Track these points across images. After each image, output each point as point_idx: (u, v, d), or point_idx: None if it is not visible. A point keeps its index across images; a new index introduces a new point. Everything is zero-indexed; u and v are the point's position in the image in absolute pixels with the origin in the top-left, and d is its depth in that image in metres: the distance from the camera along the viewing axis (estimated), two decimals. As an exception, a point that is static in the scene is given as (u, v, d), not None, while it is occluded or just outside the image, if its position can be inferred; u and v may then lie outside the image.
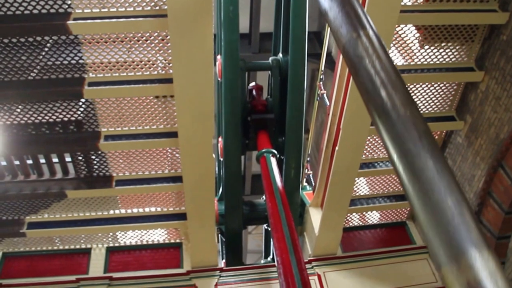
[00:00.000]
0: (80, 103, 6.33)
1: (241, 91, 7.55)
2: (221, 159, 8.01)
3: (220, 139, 8.02)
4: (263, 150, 7.11)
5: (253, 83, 8.55)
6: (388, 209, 8.63)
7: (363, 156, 7.35)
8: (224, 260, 9.16)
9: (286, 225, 5.68)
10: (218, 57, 7.40)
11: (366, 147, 7.39)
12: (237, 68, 7.15)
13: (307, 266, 7.79)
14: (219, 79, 7.35)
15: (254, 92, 8.37)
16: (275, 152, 7.18)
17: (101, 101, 6.24)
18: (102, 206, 7.67)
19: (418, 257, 8.33)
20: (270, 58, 7.94)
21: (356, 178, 7.61)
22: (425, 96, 7.06)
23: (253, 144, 7.92)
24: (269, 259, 9.77)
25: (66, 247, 8.31)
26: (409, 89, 6.76)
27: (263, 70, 8.29)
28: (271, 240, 9.26)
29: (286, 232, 5.61)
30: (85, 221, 7.73)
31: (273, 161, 6.85)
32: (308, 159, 9.67)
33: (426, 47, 6.53)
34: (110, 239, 8.32)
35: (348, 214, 8.51)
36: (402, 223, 8.91)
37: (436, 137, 7.62)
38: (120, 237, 8.37)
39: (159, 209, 7.78)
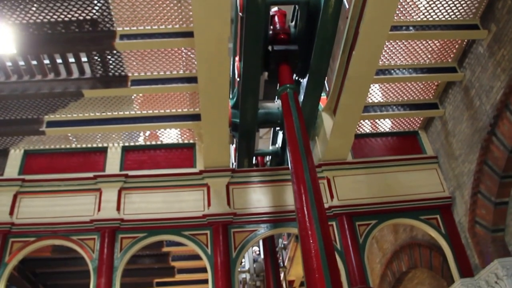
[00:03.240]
0: (95, 1, 6.25)
1: (264, 20, 6.85)
2: (238, 79, 7.84)
3: (237, 58, 7.83)
4: (286, 86, 6.79)
5: (275, 8, 7.76)
6: (401, 117, 8.67)
7: (380, 62, 7.26)
8: (236, 162, 9.42)
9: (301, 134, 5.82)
10: None
11: (384, 53, 7.29)
12: (261, 3, 6.40)
13: (318, 170, 7.97)
14: (240, 13, 6.73)
15: (276, 18, 7.60)
16: (297, 88, 6.97)
17: (116, -2, 6.15)
18: (118, 106, 7.80)
19: (428, 167, 8.47)
20: None
21: (371, 85, 7.57)
22: (449, 2, 6.82)
23: (274, 75, 7.41)
24: (276, 146, 9.97)
25: (83, 145, 8.55)
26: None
27: (289, 4, 7.61)
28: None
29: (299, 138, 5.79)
30: (102, 121, 7.93)
31: (295, 98, 6.65)
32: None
33: None
34: (125, 138, 8.53)
35: (361, 121, 8.57)
36: (414, 132, 8.96)
37: (457, 46, 7.47)
38: (136, 136, 8.56)
39: (173, 110, 7.91)
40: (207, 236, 7.64)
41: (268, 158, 10.39)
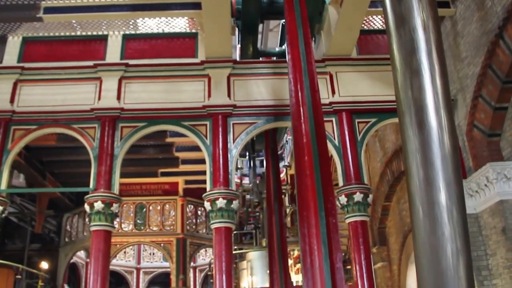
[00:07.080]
0: None
1: None
2: None
3: None
4: None
5: None
6: (412, 13, 8.30)
7: (391, -48, 6.82)
8: (239, 53, 9.19)
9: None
10: None
11: None
12: None
13: (321, 65, 7.83)
14: None
15: None
16: None
17: None
18: (118, -8, 7.51)
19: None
20: None
21: (381, -23, 7.17)
22: None
23: None
24: (283, 47, 9.71)
25: (84, 33, 8.35)
26: None
27: None
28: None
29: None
30: (101, 7, 7.69)
31: None
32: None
33: None
34: (126, 26, 8.31)
35: (369, 17, 8.25)
36: (423, 29, 8.62)
37: None
38: (138, 24, 8.33)
39: (174, -3, 7.62)
40: (206, 127, 7.67)
41: (274, 59, 10.12)
